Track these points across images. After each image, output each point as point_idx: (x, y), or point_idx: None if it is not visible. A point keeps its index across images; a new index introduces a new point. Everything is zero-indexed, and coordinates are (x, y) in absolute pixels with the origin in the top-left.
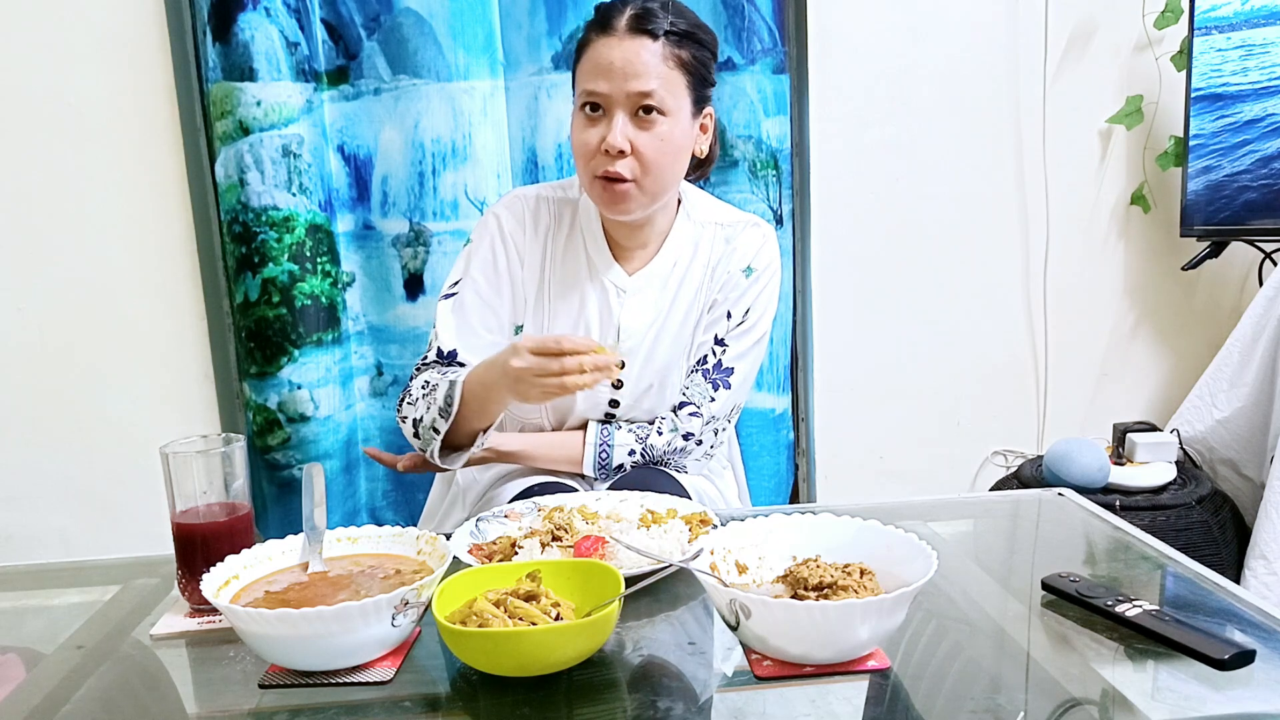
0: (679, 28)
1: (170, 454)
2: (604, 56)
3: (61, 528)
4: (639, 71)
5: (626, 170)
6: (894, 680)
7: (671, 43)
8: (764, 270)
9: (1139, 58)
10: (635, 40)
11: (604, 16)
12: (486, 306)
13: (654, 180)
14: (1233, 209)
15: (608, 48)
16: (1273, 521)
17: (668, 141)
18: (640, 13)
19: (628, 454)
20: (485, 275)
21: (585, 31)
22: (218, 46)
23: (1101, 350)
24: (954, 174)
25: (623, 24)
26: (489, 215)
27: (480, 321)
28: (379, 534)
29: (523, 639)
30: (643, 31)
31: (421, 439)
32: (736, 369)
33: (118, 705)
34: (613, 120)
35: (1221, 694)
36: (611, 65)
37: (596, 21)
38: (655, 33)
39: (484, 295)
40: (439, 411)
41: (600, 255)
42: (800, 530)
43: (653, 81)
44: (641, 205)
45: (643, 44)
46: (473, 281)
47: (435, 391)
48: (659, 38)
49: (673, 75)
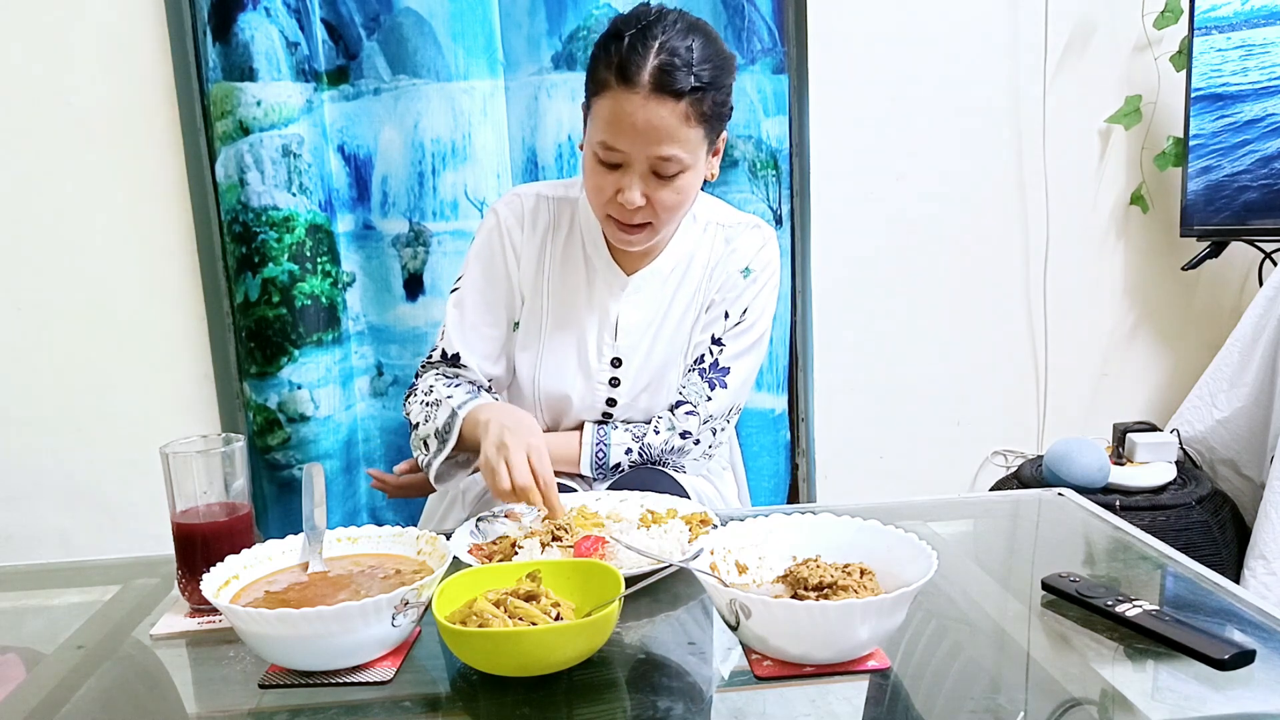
0: (702, 81)
1: (170, 454)
2: (624, 113)
3: (61, 528)
4: (660, 137)
5: (644, 218)
6: (894, 680)
7: (693, 99)
8: (762, 271)
9: (1139, 58)
10: (658, 102)
11: (624, 64)
12: (485, 304)
13: (666, 222)
14: (1233, 209)
15: (628, 105)
16: (1272, 521)
17: (684, 192)
18: (664, 68)
19: (624, 453)
20: (484, 273)
21: (601, 69)
22: (218, 46)
23: (1101, 350)
24: (954, 174)
25: (645, 80)
26: (489, 213)
27: (480, 319)
28: (379, 534)
29: (523, 639)
30: (667, 92)
31: (414, 452)
32: (734, 369)
33: (118, 705)
34: (630, 176)
35: (1221, 694)
36: (634, 126)
37: (617, 69)
38: (679, 93)
39: (483, 293)
40: (436, 436)
41: (599, 255)
42: (800, 530)
43: (674, 146)
44: (653, 239)
45: (665, 106)
46: (472, 279)
47: (436, 410)
48: (682, 98)
49: (694, 133)
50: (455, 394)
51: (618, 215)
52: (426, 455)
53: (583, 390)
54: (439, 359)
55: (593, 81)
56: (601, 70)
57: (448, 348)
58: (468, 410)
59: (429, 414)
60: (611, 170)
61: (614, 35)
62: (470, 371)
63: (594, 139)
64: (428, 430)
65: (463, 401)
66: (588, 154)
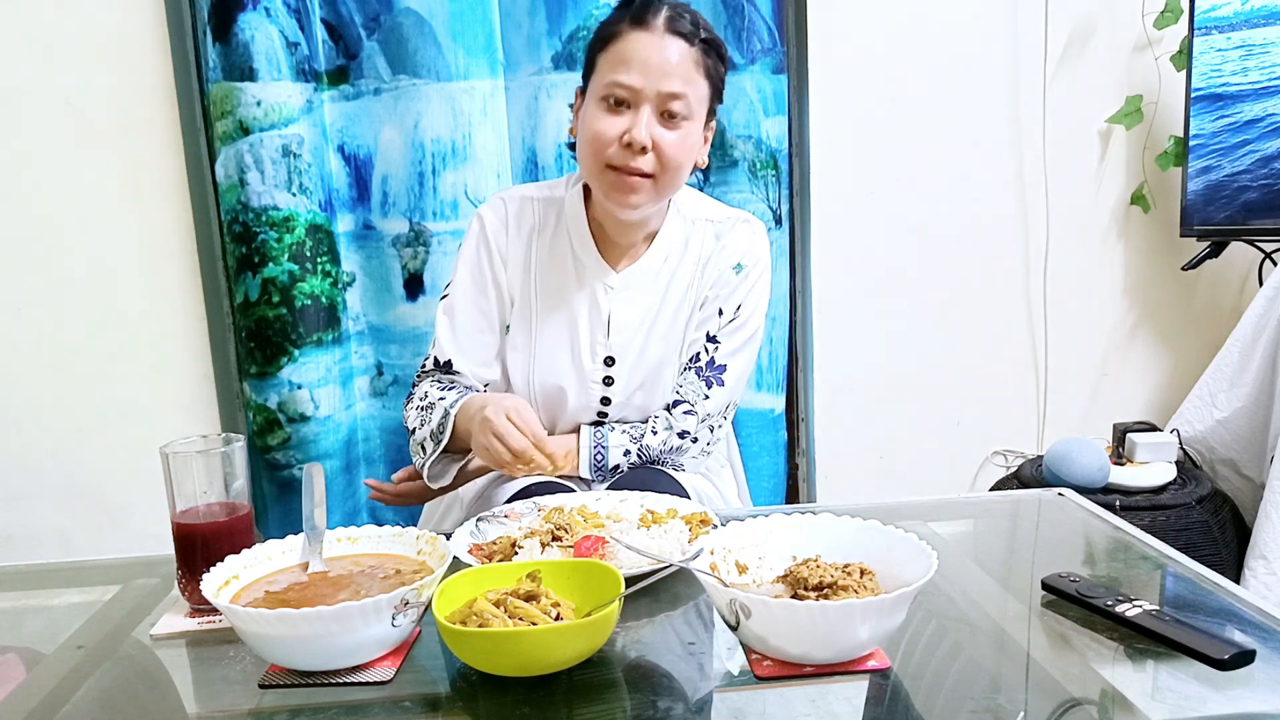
0: (707, 36)
1: (170, 454)
2: (639, 50)
3: (61, 528)
4: (673, 71)
5: (647, 165)
6: (894, 680)
7: (700, 49)
8: (754, 266)
9: (1139, 58)
10: (673, 40)
11: (639, 10)
12: (475, 309)
13: (669, 179)
14: (1233, 209)
15: (644, 43)
16: (1273, 521)
17: (687, 142)
18: (676, 14)
19: (623, 454)
20: (472, 278)
21: (613, 22)
22: (218, 46)
23: (1101, 350)
24: (954, 174)
25: (660, 21)
26: (474, 219)
27: (471, 323)
28: (379, 534)
29: (523, 639)
30: (680, 33)
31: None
32: (730, 366)
33: (118, 705)
34: (638, 115)
35: (1221, 694)
36: (647, 60)
37: (630, 15)
38: (691, 37)
39: (471, 298)
40: (432, 437)
41: (587, 253)
42: (800, 530)
43: (683, 83)
44: (650, 201)
45: (679, 44)
46: (461, 285)
47: (431, 413)
48: (693, 43)
49: (699, 82)
50: (448, 395)
51: (621, 161)
52: (424, 457)
53: (577, 390)
54: (433, 366)
55: (600, 41)
56: (611, 25)
57: (440, 355)
58: (459, 407)
59: (424, 418)
60: (618, 114)
61: (623, 4)
62: (464, 377)
63: (601, 84)
64: (424, 434)
65: (455, 401)
66: (590, 108)
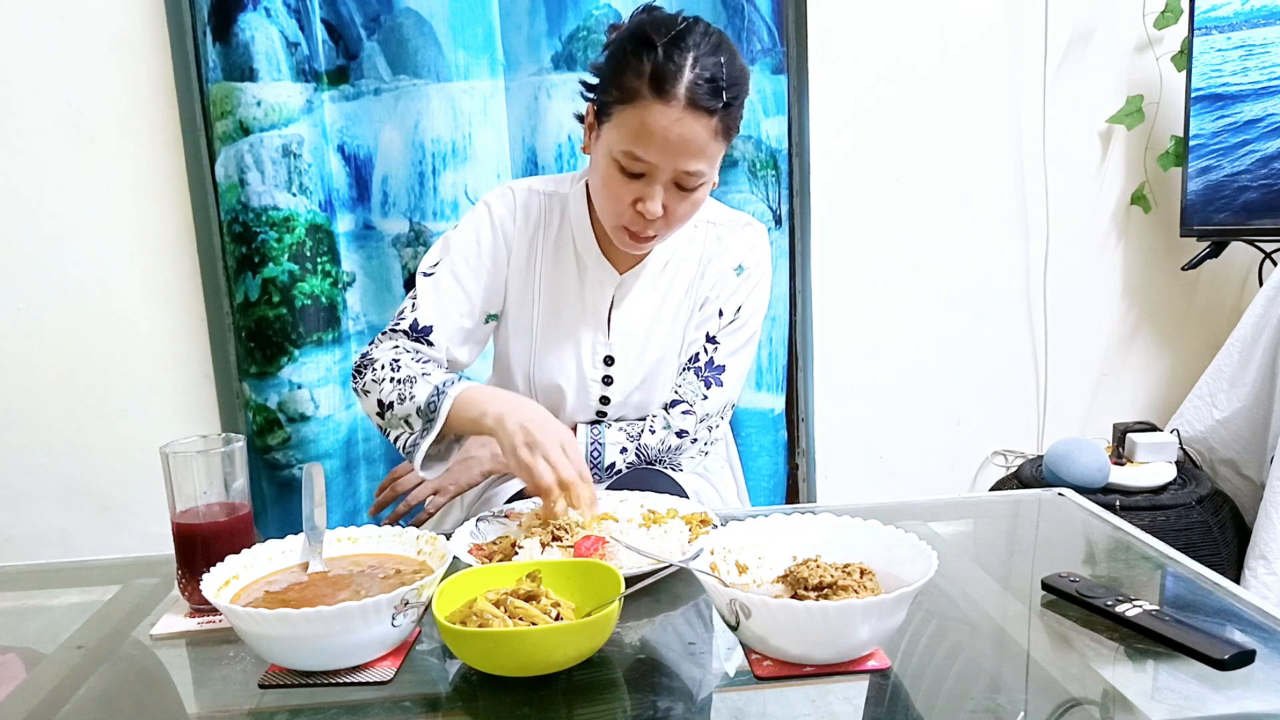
0: (732, 98)
1: (170, 454)
2: (657, 127)
3: (61, 528)
4: (692, 151)
5: (658, 228)
6: (894, 680)
7: (724, 115)
8: (755, 268)
9: (1139, 58)
10: (693, 119)
11: (659, 76)
12: (461, 289)
13: (679, 228)
14: (1233, 209)
15: (663, 118)
16: (1273, 521)
17: (699, 204)
18: (700, 84)
19: (619, 452)
20: (465, 259)
21: (630, 76)
22: (218, 46)
23: (1101, 350)
24: (954, 174)
25: (681, 94)
26: (479, 204)
27: (454, 305)
28: (379, 534)
29: (523, 639)
30: (701, 109)
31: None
32: (729, 366)
33: (118, 705)
34: (653, 187)
35: (1221, 694)
36: (666, 140)
37: (651, 80)
38: (713, 110)
39: (460, 278)
40: (420, 415)
41: (590, 251)
42: (800, 530)
43: (703, 161)
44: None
45: (700, 122)
46: (453, 265)
47: (412, 387)
48: (715, 115)
49: (719, 147)
50: (432, 372)
51: (633, 225)
52: (410, 435)
53: (576, 388)
54: (405, 330)
55: (618, 88)
56: (631, 78)
57: (421, 319)
58: (457, 392)
59: (403, 392)
60: (632, 180)
61: (644, 42)
62: (436, 350)
63: (618, 147)
64: (407, 409)
65: (447, 381)
66: (605, 161)
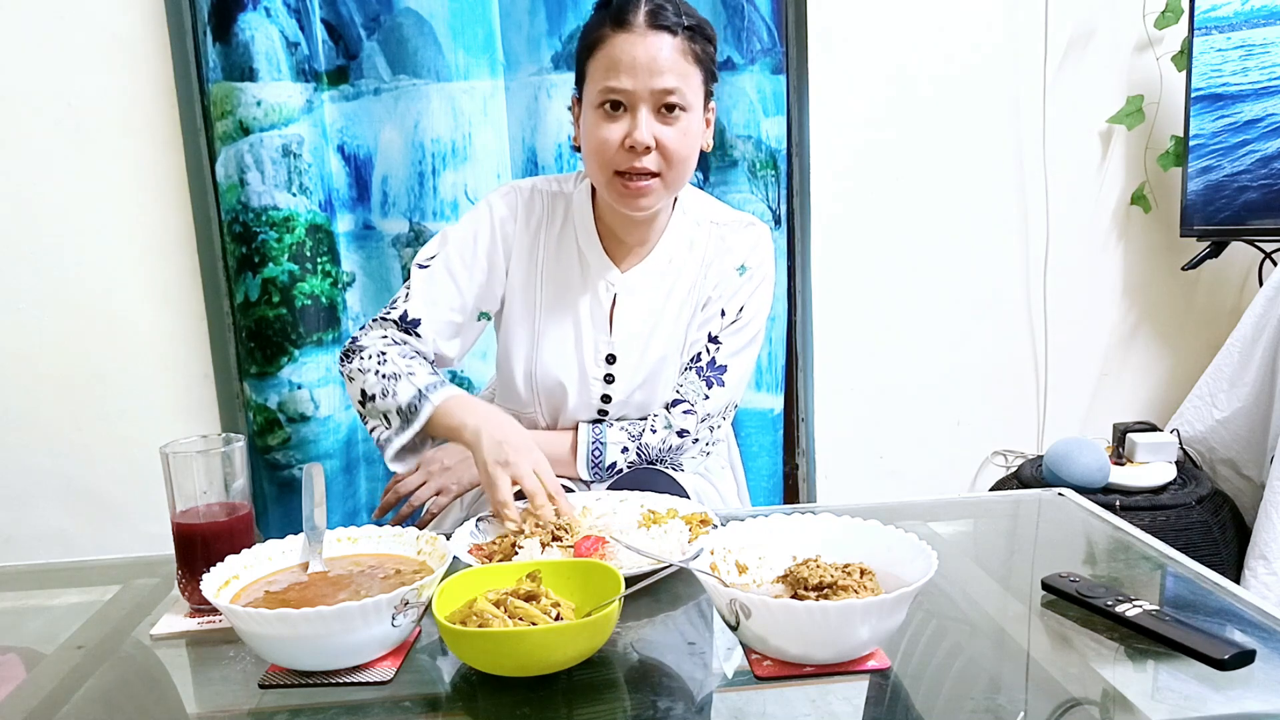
0: (691, 23)
1: (170, 454)
2: (625, 53)
3: (61, 528)
4: (662, 68)
5: (653, 164)
6: (894, 680)
7: (686, 38)
8: (758, 269)
9: (1139, 58)
10: (656, 36)
11: (618, 11)
12: (453, 284)
13: (676, 173)
14: (1233, 209)
15: (628, 44)
16: (1273, 521)
17: (689, 135)
18: (656, 8)
19: (620, 451)
20: (460, 254)
21: (595, 27)
22: (218, 46)
23: (1101, 350)
24: (954, 174)
25: (640, 19)
26: (481, 203)
27: (444, 298)
28: (379, 534)
29: (523, 639)
30: (662, 27)
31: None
32: (731, 367)
33: (118, 705)
34: (636, 117)
35: (1221, 694)
36: (635, 62)
37: (610, 17)
38: (674, 28)
39: (454, 273)
40: (399, 414)
41: (592, 251)
42: (800, 530)
43: (675, 78)
44: (661, 199)
45: (663, 40)
46: (446, 257)
47: (396, 384)
48: (677, 33)
49: (690, 70)
50: (417, 371)
51: (626, 165)
52: (386, 431)
53: (578, 387)
54: (394, 319)
55: (585, 46)
56: (593, 31)
57: (411, 310)
58: (440, 400)
59: (386, 387)
60: (616, 119)
61: (602, 5)
62: (423, 343)
63: (594, 91)
64: (387, 405)
65: (431, 385)
66: (588, 117)
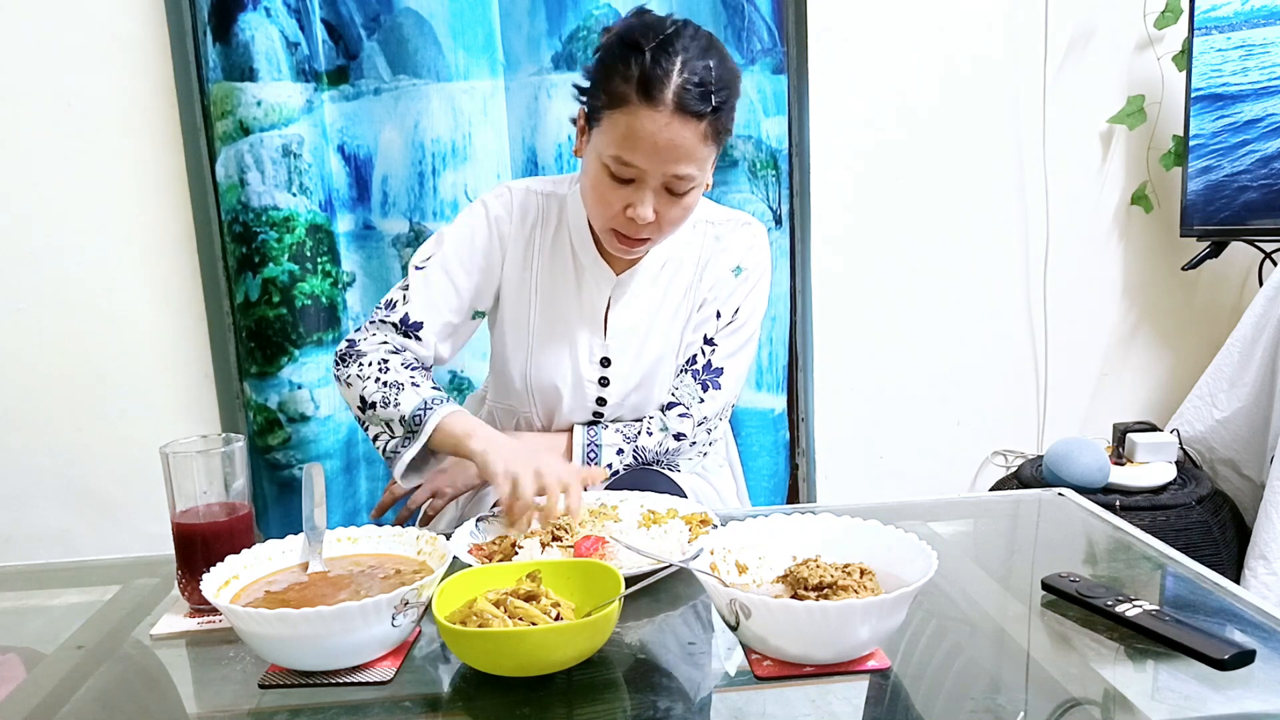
0: (720, 101)
1: (170, 454)
2: (645, 130)
3: (61, 528)
4: (680, 156)
5: (650, 232)
6: (894, 680)
7: (713, 119)
8: (754, 269)
9: (1140, 57)
10: (682, 123)
11: (646, 81)
12: (451, 285)
13: (671, 233)
14: (1233, 209)
15: (651, 122)
16: (1273, 521)
17: (690, 208)
18: (688, 89)
19: (616, 453)
20: (457, 255)
21: (618, 81)
22: (218, 46)
23: (1101, 350)
24: (954, 174)
25: (669, 99)
26: (477, 204)
27: (443, 299)
28: (379, 534)
29: (523, 639)
30: (690, 113)
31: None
32: (727, 368)
33: (118, 705)
34: (643, 193)
35: (1221, 694)
36: (655, 145)
37: (638, 85)
38: (702, 114)
39: (451, 274)
40: (402, 424)
41: (587, 252)
42: (800, 530)
43: (692, 165)
44: (649, 249)
45: (689, 126)
46: (443, 258)
47: (399, 394)
48: (704, 119)
49: (709, 150)
50: (421, 382)
51: (624, 229)
52: (390, 440)
53: (573, 389)
54: (394, 321)
55: (606, 93)
56: (618, 83)
57: (412, 313)
58: (443, 415)
59: (388, 396)
60: (622, 185)
61: (631, 46)
62: (422, 346)
63: (606, 152)
64: (390, 414)
65: (434, 399)
66: (595, 165)
